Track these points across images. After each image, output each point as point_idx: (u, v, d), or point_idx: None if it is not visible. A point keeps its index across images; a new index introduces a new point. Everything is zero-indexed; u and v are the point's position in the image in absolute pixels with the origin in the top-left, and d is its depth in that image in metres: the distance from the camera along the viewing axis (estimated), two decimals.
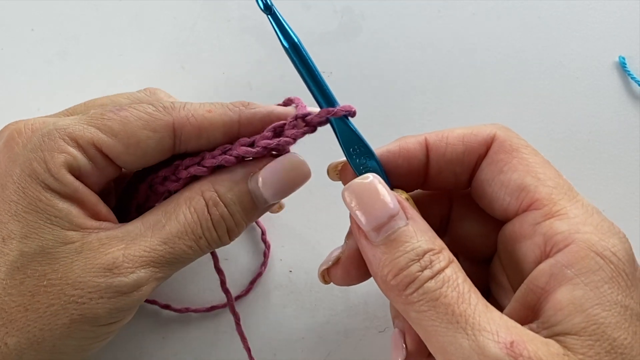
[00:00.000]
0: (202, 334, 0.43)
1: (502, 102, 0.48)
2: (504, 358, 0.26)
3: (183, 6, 0.49)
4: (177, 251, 0.33)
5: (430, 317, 0.28)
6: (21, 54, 0.48)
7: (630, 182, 0.47)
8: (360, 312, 0.44)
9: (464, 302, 0.28)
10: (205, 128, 0.34)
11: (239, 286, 0.44)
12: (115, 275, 0.31)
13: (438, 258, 0.29)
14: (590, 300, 0.27)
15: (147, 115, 0.33)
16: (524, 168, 0.32)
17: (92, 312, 0.31)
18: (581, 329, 0.27)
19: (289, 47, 0.32)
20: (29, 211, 0.31)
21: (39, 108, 0.47)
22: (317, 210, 0.45)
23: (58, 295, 0.31)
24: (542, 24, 0.50)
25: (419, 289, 0.28)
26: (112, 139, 0.32)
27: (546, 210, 0.30)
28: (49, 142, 0.32)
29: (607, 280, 0.27)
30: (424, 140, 0.34)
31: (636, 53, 0.49)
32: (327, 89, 0.33)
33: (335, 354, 0.43)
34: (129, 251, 0.32)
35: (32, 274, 0.31)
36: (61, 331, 0.31)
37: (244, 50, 0.48)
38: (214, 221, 0.34)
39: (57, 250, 0.31)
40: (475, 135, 0.34)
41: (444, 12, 0.50)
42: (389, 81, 0.48)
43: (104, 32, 0.49)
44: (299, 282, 0.44)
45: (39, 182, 0.31)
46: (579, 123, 0.48)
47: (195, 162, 0.35)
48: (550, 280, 0.29)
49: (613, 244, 0.28)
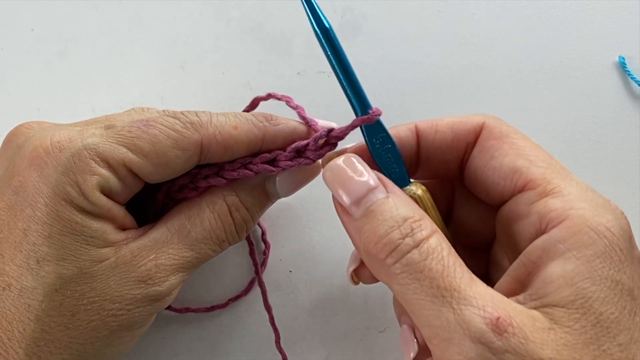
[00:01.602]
0: (202, 334, 0.43)
1: (502, 102, 0.48)
2: (489, 334, 0.26)
3: (183, 6, 0.49)
4: (203, 255, 0.35)
5: (415, 291, 0.28)
6: (21, 54, 0.48)
7: (630, 182, 0.47)
8: (360, 312, 0.44)
9: (449, 275, 0.27)
10: (230, 146, 0.34)
11: (239, 286, 0.44)
12: (150, 286, 0.33)
13: (419, 226, 0.29)
14: (580, 274, 0.27)
15: (176, 134, 0.33)
16: (515, 152, 0.32)
17: (129, 320, 0.32)
18: (569, 302, 0.27)
19: (320, 31, 0.32)
20: (64, 234, 0.31)
21: (38, 108, 0.47)
22: (317, 210, 0.45)
23: (97, 311, 0.31)
24: (542, 24, 0.50)
25: (401, 259, 0.28)
26: (143, 159, 0.32)
27: (540, 190, 0.31)
28: (80, 163, 0.31)
29: (600, 255, 0.27)
30: (414, 127, 0.35)
31: (636, 53, 0.49)
32: (359, 84, 0.33)
33: (335, 354, 0.43)
34: (160, 261, 0.33)
35: (72, 295, 0.31)
36: (102, 342, 0.32)
37: (244, 50, 0.48)
38: (237, 225, 0.36)
39: (93, 269, 0.32)
40: (464, 123, 0.34)
41: (444, 12, 0.50)
42: (389, 81, 0.48)
43: (104, 32, 0.49)
44: (299, 282, 0.44)
45: (73, 205, 0.31)
46: (579, 123, 0.48)
47: (214, 172, 0.35)
48: (542, 254, 0.29)
49: (607, 220, 0.28)
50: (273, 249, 0.45)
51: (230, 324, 0.43)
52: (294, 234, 0.45)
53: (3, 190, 0.32)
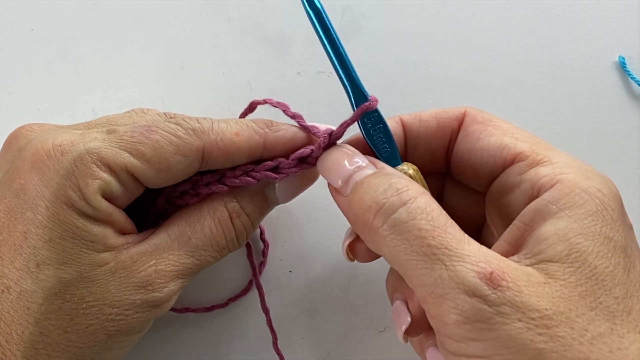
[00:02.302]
0: (202, 334, 0.43)
1: (501, 102, 0.48)
2: (483, 287, 0.26)
3: (183, 6, 0.49)
4: (203, 262, 0.35)
5: (405, 251, 0.28)
6: (21, 54, 0.48)
7: (630, 182, 0.47)
8: (360, 312, 0.44)
9: (440, 234, 0.28)
10: (232, 153, 0.34)
11: (238, 286, 0.44)
12: (149, 292, 0.33)
13: (406, 187, 0.30)
14: (573, 230, 0.28)
15: (178, 140, 0.33)
16: (499, 132, 0.33)
17: (128, 325, 0.32)
18: (563, 257, 0.27)
19: (311, 11, 0.33)
20: (65, 238, 0.31)
21: (38, 108, 0.47)
22: (317, 210, 0.45)
23: (96, 315, 0.31)
24: (542, 24, 0.50)
25: (388, 219, 0.29)
26: (144, 164, 0.33)
27: (530, 160, 0.31)
28: (81, 167, 0.31)
29: (592, 214, 0.28)
30: (399, 119, 0.36)
31: (636, 53, 0.49)
32: (352, 68, 0.34)
33: (335, 354, 0.43)
34: (160, 267, 0.33)
35: (71, 299, 0.31)
36: (99, 347, 0.32)
37: (244, 50, 0.48)
38: (238, 232, 0.36)
39: (93, 273, 0.32)
40: (446, 112, 0.36)
41: (444, 12, 0.50)
42: (389, 81, 0.48)
43: (104, 32, 0.49)
44: (299, 282, 0.44)
45: (74, 209, 0.31)
46: (579, 123, 0.48)
47: (215, 178, 0.35)
48: (535, 216, 0.29)
49: (598, 182, 0.29)
50: (273, 249, 0.45)
51: (230, 324, 0.43)
52: (294, 234, 0.45)
53: (4, 192, 0.32)
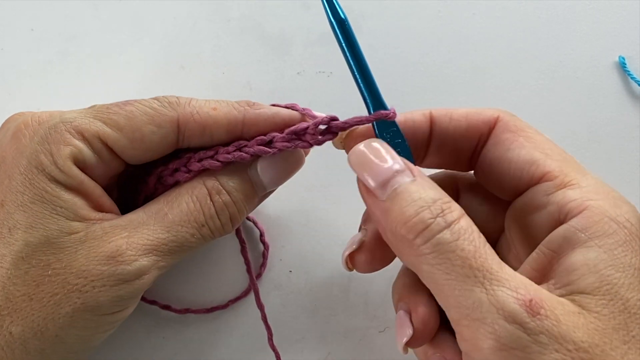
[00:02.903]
0: (202, 334, 0.43)
1: (502, 102, 0.48)
2: (523, 314, 0.26)
3: (183, 6, 0.49)
4: (180, 239, 0.33)
5: (445, 270, 0.27)
6: (21, 54, 0.48)
7: (630, 182, 0.47)
8: (360, 312, 0.44)
9: (481, 256, 0.27)
10: (209, 126, 0.34)
11: (239, 287, 0.44)
12: (119, 264, 0.32)
13: (449, 207, 0.29)
14: (603, 261, 0.27)
15: (152, 111, 0.34)
16: (531, 144, 0.33)
17: (94, 300, 0.31)
18: (595, 289, 0.27)
19: (336, 23, 0.32)
20: (34, 202, 0.31)
21: (38, 108, 0.47)
22: (317, 210, 0.45)
23: (62, 284, 0.31)
24: (542, 24, 0.50)
25: (431, 239, 0.28)
26: (117, 132, 0.33)
27: (558, 181, 0.31)
28: (55, 134, 0.32)
29: (621, 244, 0.28)
30: (429, 114, 0.35)
31: (636, 53, 0.49)
32: (373, 80, 0.33)
33: (335, 354, 0.43)
34: (132, 239, 0.32)
35: (37, 264, 0.31)
36: (64, 320, 0.31)
37: (244, 50, 0.48)
38: (217, 209, 0.35)
39: (61, 240, 0.31)
40: (479, 114, 0.35)
41: (444, 12, 0.50)
42: (389, 81, 0.48)
43: (104, 32, 0.49)
44: (299, 282, 0.44)
45: (45, 174, 0.32)
46: (579, 123, 0.48)
47: (209, 155, 0.35)
48: (563, 243, 0.29)
49: (626, 211, 0.29)
50: (273, 249, 0.45)
51: (230, 324, 0.43)
52: (294, 234, 0.45)
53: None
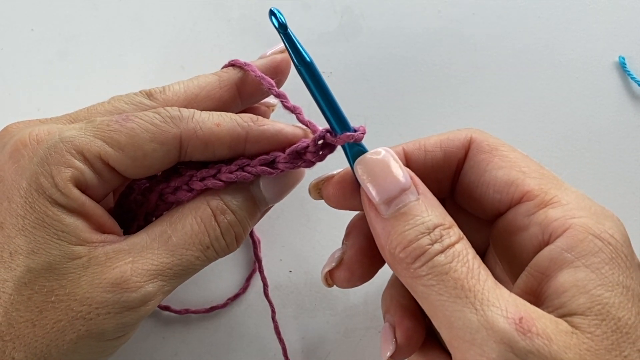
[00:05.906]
0: (202, 334, 0.43)
1: (502, 102, 0.48)
2: (513, 333, 0.26)
3: (183, 6, 0.49)
4: (185, 262, 0.33)
5: (438, 292, 0.28)
6: (21, 54, 0.48)
7: (630, 182, 0.47)
8: (360, 312, 0.44)
9: (473, 277, 0.27)
10: (211, 142, 0.33)
11: (237, 285, 0.44)
12: (124, 291, 0.31)
13: (448, 233, 0.29)
14: (592, 281, 0.27)
15: (154, 127, 0.32)
16: (507, 164, 0.32)
17: (99, 327, 0.31)
18: (586, 309, 0.27)
19: (301, 66, 0.32)
20: (36, 226, 0.31)
21: (38, 108, 0.47)
22: (317, 210, 0.45)
23: (65, 311, 0.30)
24: (542, 24, 0.50)
25: (427, 262, 0.28)
26: (119, 152, 0.32)
27: (539, 200, 0.31)
28: (55, 155, 0.31)
29: (608, 262, 0.28)
30: (402, 151, 0.35)
31: (636, 53, 0.49)
32: (341, 112, 0.32)
33: (335, 354, 0.43)
34: (136, 265, 0.31)
35: (40, 290, 0.30)
36: (68, 347, 0.31)
37: (244, 50, 0.48)
38: (223, 229, 0.34)
39: (64, 266, 0.31)
40: (452, 140, 0.34)
41: (444, 12, 0.50)
42: (389, 81, 0.48)
43: (104, 32, 0.49)
44: (299, 282, 0.44)
45: (46, 197, 0.31)
46: (579, 123, 0.48)
47: (211, 174, 0.34)
48: (550, 264, 0.29)
49: (609, 227, 0.29)
50: (273, 249, 0.45)
51: (230, 324, 0.43)
52: (294, 234, 0.45)
53: None
